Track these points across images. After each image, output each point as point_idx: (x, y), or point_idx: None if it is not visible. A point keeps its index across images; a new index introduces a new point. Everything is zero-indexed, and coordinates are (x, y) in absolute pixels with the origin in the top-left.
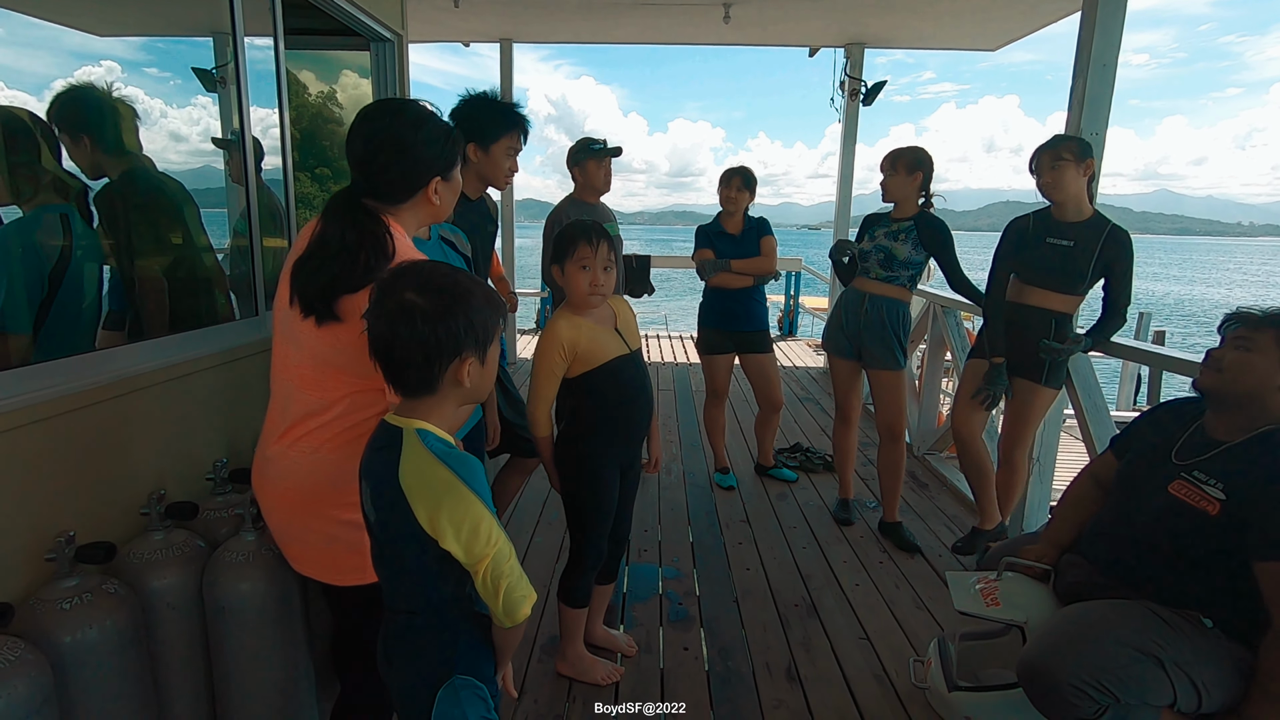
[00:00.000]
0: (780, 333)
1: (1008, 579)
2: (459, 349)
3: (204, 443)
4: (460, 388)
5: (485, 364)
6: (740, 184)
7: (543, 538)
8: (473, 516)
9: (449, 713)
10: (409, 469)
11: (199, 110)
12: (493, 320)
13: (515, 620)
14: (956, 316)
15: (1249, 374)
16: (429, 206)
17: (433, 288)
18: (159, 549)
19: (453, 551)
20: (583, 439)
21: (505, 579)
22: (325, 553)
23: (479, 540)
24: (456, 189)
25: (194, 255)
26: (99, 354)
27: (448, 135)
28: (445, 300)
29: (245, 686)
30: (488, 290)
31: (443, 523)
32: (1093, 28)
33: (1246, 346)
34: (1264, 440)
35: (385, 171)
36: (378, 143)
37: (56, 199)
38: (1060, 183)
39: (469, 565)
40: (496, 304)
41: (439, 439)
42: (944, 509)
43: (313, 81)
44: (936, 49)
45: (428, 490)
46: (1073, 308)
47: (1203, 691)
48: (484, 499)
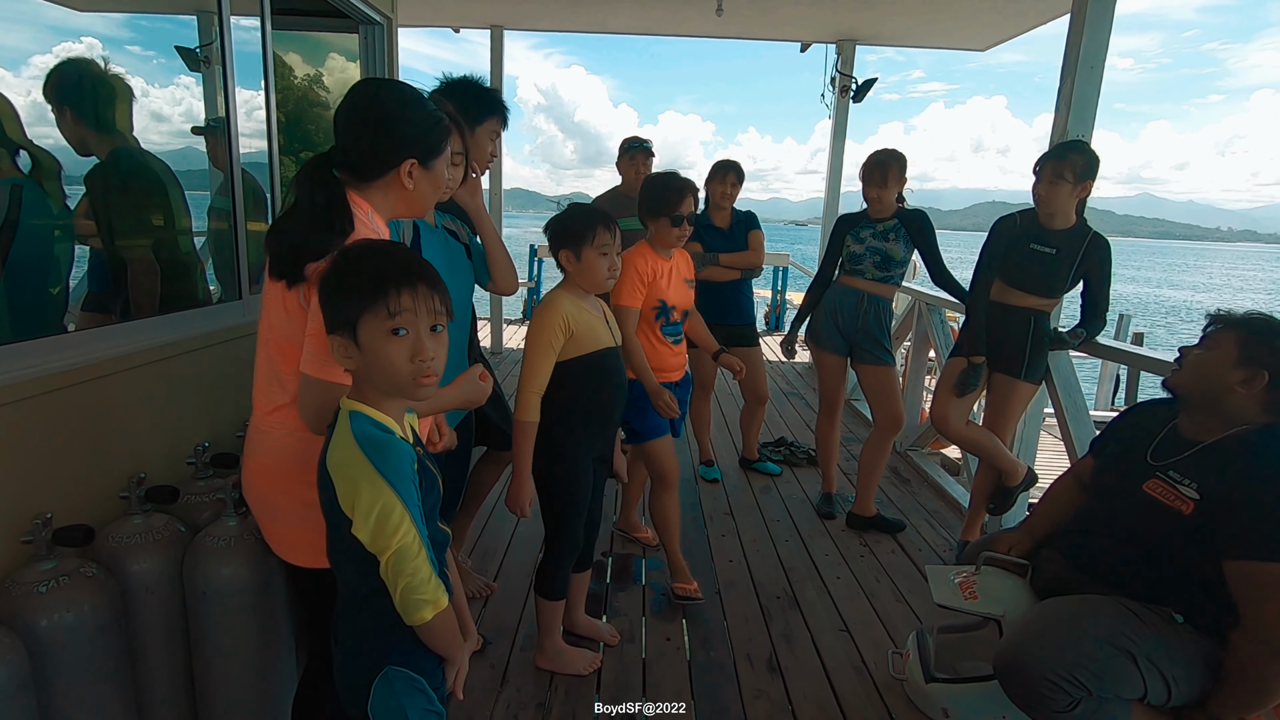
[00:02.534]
0: (767, 327)
1: (986, 573)
2: (327, 328)
3: (186, 426)
4: (355, 369)
5: (361, 347)
6: (735, 179)
7: (525, 528)
8: (383, 504)
9: (385, 704)
10: (333, 450)
11: (181, 90)
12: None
13: (411, 620)
14: (941, 314)
15: (1204, 372)
16: (401, 191)
17: (353, 255)
18: (138, 533)
19: (360, 537)
20: (560, 429)
21: (404, 577)
22: (295, 532)
23: (385, 530)
24: (437, 183)
25: (176, 238)
26: (72, 335)
27: (435, 123)
28: (322, 279)
29: (226, 672)
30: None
31: (354, 506)
32: (1081, 29)
33: (1209, 346)
34: (1238, 441)
35: (358, 141)
36: (359, 111)
37: (16, 173)
38: (1053, 198)
39: (374, 552)
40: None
41: (369, 420)
42: (925, 504)
43: (299, 64)
44: (927, 48)
45: (344, 472)
46: (1051, 308)
47: (1172, 685)
48: (398, 488)
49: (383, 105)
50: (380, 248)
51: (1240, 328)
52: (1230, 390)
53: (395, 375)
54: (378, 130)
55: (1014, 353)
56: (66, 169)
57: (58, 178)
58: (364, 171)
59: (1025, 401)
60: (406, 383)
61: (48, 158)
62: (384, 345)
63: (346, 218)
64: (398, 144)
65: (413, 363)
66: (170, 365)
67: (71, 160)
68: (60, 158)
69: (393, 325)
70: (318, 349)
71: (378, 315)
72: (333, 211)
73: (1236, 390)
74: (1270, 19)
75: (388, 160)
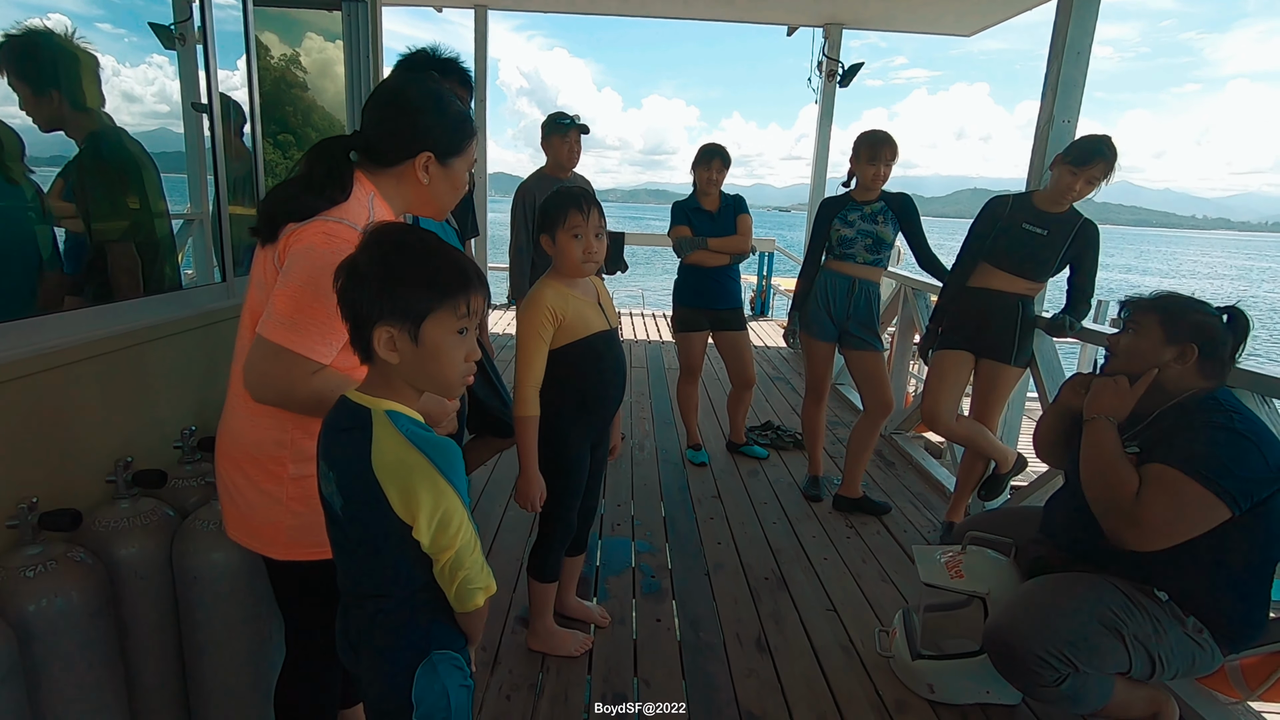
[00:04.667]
0: (753, 313)
1: (971, 553)
2: (375, 315)
3: (172, 410)
4: (393, 363)
5: (419, 343)
6: (721, 165)
7: (514, 512)
8: (445, 507)
9: (430, 688)
10: (383, 453)
11: (154, 70)
12: (426, 294)
13: (465, 609)
14: (926, 299)
15: (1138, 356)
16: (416, 185)
17: (374, 244)
18: (126, 517)
19: (420, 539)
20: (555, 413)
21: (463, 571)
22: (246, 516)
23: (447, 532)
24: (455, 183)
25: (154, 220)
26: (50, 318)
27: (461, 122)
28: (371, 260)
29: (217, 657)
30: (445, 261)
31: (415, 510)
32: (1068, 15)
33: (1134, 330)
34: (1177, 407)
35: (378, 124)
36: (387, 95)
37: None
38: (1084, 195)
39: (431, 554)
40: (442, 278)
41: (411, 420)
42: (909, 486)
43: (275, 44)
44: (913, 32)
45: (403, 476)
46: (1036, 292)
47: (1158, 663)
48: (459, 489)
49: (408, 94)
50: (436, 240)
51: (1158, 309)
52: (1167, 368)
53: (449, 374)
54: (399, 116)
55: (1003, 338)
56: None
57: (21, 159)
58: (379, 155)
59: (1012, 385)
60: (456, 383)
61: (10, 136)
62: (450, 343)
63: (340, 188)
64: (416, 133)
65: (466, 363)
66: (155, 348)
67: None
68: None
69: (462, 325)
70: (288, 312)
71: (455, 312)
72: (329, 180)
73: (1172, 366)
74: (1246, 9)
75: (404, 148)
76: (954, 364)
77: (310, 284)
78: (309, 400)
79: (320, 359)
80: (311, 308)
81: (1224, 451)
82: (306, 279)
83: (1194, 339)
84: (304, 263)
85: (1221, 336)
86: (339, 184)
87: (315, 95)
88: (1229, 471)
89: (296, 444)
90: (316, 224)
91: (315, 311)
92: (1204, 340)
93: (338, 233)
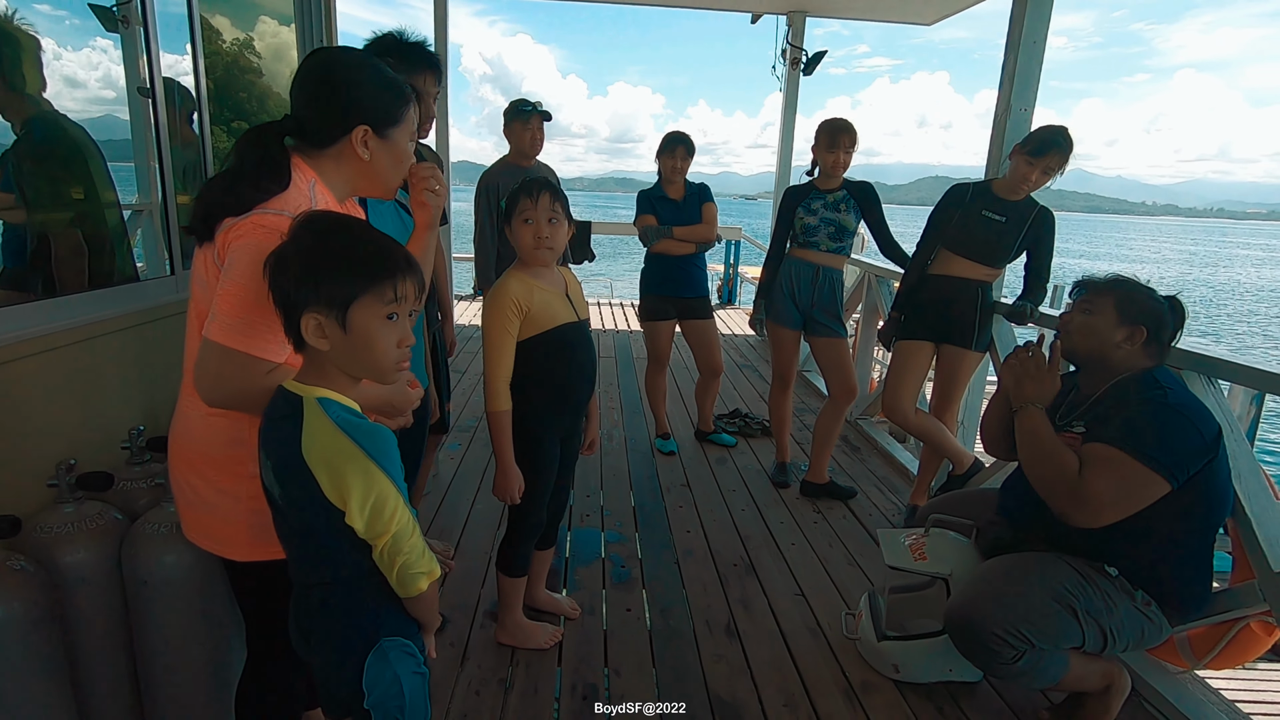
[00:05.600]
0: (720, 301)
1: (934, 535)
2: (302, 303)
3: (119, 409)
4: (324, 351)
5: (348, 329)
6: (685, 152)
7: (483, 505)
8: (378, 493)
9: (381, 675)
10: (312, 441)
11: (98, 54)
12: (351, 280)
13: (409, 594)
14: (889, 285)
15: (1091, 335)
16: (357, 163)
17: (300, 232)
18: (70, 522)
19: (354, 526)
20: (525, 407)
21: (402, 556)
22: (205, 518)
23: (381, 517)
24: (397, 156)
25: (100, 211)
26: None
27: (393, 89)
28: (297, 248)
29: (172, 663)
30: (371, 246)
31: (346, 495)
32: (1025, 4)
33: (1088, 310)
34: (1118, 384)
35: (307, 104)
36: (312, 74)
37: None
38: (1041, 184)
39: (368, 539)
40: (366, 263)
41: (343, 407)
42: (874, 471)
43: (227, 27)
44: (876, 20)
45: (333, 463)
46: (995, 278)
47: (1110, 636)
48: (391, 474)
49: (334, 68)
50: (364, 226)
51: (1113, 291)
52: (1116, 347)
53: (382, 360)
54: (327, 92)
55: (964, 324)
56: None
57: None
58: (313, 136)
59: (973, 370)
60: (389, 369)
61: None
62: (379, 329)
63: (275, 178)
64: (349, 108)
65: (399, 349)
66: (99, 344)
67: None
68: None
69: (390, 310)
70: (235, 312)
71: (381, 297)
72: (261, 169)
73: (1122, 347)
74: (1193, 1)
75: (336, 125)
76: (914, 355)
77: (254, 282)
78: (265, 401)
79: (273, 358)
80: (258, 307)
81: (1160, 427)
82: (249, 277)
83: (1144, 321)
84: (245, 260)
85: (1165, 321)
86: (273, 173)
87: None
88: (1165, 446)
89: (254, 443)
90: (254, 218)
91: (263, 310)
92: (1152, 323)
93: (278, 225)
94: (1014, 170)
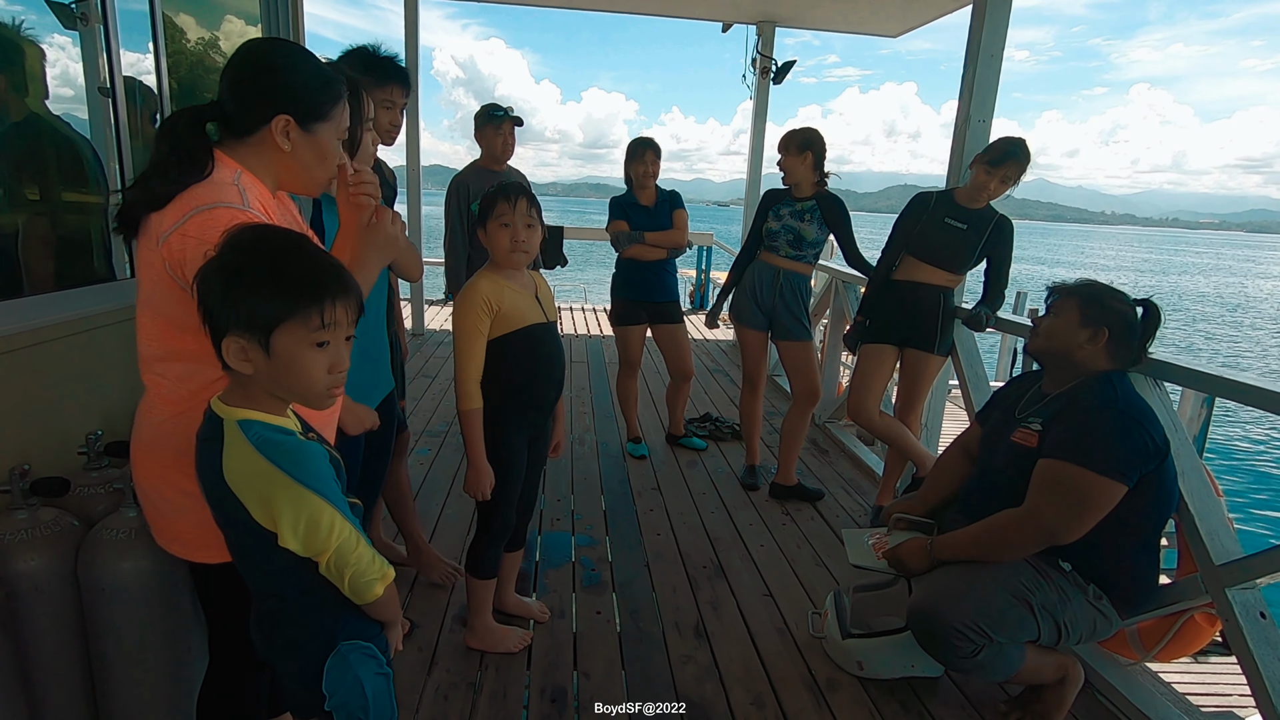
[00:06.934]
0: (692, 306)
1: (896, 534)
2: (223, 325)
3: (75, 414)
4: (246, 373)
5: (271, 355)
6: (654, 156)
7: (453, 509)
8: (309, 513)
9: (341, 679)
10: (232, 465)
11: (55, 50)
12: (272, 304)
13: (365, 600)
14: (856, 291)
15: (1055, 336)
16: (278, 154)
17: (226, 248)
18: (23, 529)
19: (290, 547)
20: (492, 405)
21: (350, 568)
22: (176, 522)
23: (318, 535)
24: (322, 152)
25: (57, 211)
26: None
27: (320, 82)
28: (220, 265)
29: (131, 672)
30: (298, 267)
31: (276, 518)
32: (982, 20)
33: (1055, 312)
34: (1076, 386)
35: (229, 89)
36: (239, 56)
37: None
38: (999, 194)
39: (310, 557)
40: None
41: (265, 427)
42: (842, 474)
43: (191, 26)
44: (844, 32)
45: (255, 487)
46: (956, 284)
47: (1064, 629)
48: (320, 490)
49: (263, 55)
50: (299, 242)
51: (1078, 294)
52: (1080, 348)
53: (311, 387)
54: (250, 76)
55: (927, 329)
56: None
57: None
58: (235, 123)
59: (935, 373)
60: (320, 394)
61: None
62: (306, 356)
63: (184, 168)
64: (269, 94)
65: (330, 375)
66: (52, 348)
67: None
68: None
69: (319, 338)
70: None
71: (308, 324)
72: (172, 158)
73: (1085, 347)
74: (1148, 18)
75: (257, 111)
76: (879, 358)
77: None
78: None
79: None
80: None
81: (1110, 434)
82: None
83: (1106, 323)
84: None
85: (1133, 324)
86: (185, 163)
87: None
88: (1115, 452)
89: None
90: (197, 219)
91: None
92: (1115, 325)
93: (219, 219)
94: (974, 179)
